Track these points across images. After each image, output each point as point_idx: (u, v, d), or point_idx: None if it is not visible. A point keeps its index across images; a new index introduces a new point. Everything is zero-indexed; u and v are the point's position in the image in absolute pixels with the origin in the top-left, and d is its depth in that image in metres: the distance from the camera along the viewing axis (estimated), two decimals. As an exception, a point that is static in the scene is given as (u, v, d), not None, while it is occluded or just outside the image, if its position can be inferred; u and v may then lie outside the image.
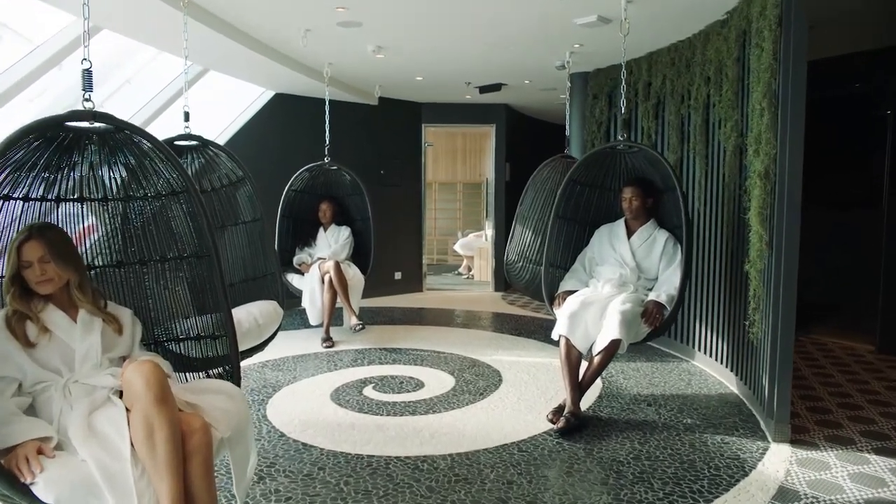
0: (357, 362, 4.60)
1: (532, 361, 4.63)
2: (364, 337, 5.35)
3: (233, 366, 2.29)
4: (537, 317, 6.36)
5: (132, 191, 2.31)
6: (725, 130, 3.88)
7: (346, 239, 5.53)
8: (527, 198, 5.05)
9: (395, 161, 7.55)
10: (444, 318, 6.34)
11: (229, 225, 3.71)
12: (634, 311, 3.45)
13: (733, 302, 3.89)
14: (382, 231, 7.36)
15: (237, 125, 6.32)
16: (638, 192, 3.80)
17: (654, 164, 3.82)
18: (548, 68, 5.69)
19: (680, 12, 3.97)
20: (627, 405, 3.69)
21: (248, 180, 3.56)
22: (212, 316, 2.36)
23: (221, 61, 5.09)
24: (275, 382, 4.09)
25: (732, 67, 3.79)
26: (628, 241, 3.84)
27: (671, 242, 3.76)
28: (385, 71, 5.91)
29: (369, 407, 3.63)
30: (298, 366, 4.49)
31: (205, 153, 3.44)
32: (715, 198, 4.20)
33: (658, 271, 3.76)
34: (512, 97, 7.40)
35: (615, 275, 3.74)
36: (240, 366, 2.31)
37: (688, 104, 4.55)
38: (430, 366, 4.50)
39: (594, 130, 5.75)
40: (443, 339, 5.31)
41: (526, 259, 5.00)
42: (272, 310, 3.34)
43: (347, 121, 7.03)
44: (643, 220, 3.86)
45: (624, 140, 3.75)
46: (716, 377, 4.19)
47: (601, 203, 4.14)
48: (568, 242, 4.10)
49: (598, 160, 3.98)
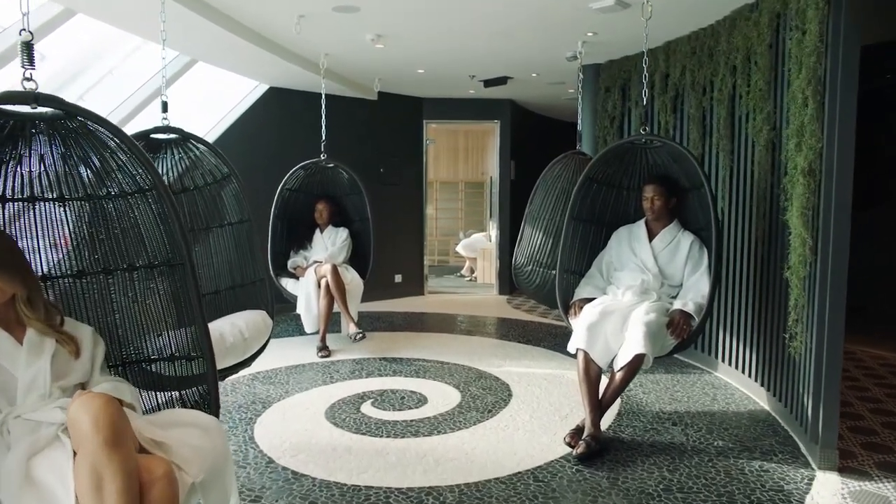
0: (355, 374, 4.28)
1: (543, 373, 4.31)
2: (362, 346, 5.03)
3: (210, 392, 1.97)
4: (545, 322, 6.04)
5: (92, 189, 1.99)
6: (756, 123, 3.56)
7: (344, 241, 5.21)
8: (536, 197, 4.72)
9: (395, 159, 7.23)
10: (447, 323, 6.02)
11: (214, 227, 3.38)
12: (660, 322, 3.13)
13: (765, 311, 3.57)
14: (382, 232, 7.04)
15: (229, 120, 6.00)
16: (660, 190, 3.48)
17: (679, 159, 3.50)
18: (557, 60, 5.37)
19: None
20: (650, 424, 3.37)
21: (233, 177, 3.23)
22: (188, 333, 2.05)
23: (209, 51, 4.77)
24: (265, 397, 3.77)
25: (765, 55, 3.47)
26: (650, 245, 3.53)
27: (697, 245, 3.45)
28: (385, 63, 5.58)
29: (368, 427, 3.31)
30: (292, 378, 4.17)
31: (185, 148, 3.12)
32: (742, 197, 3.88)
33: (683, 277, 3.45)
34: (518, 92, 7.08)
35: (636, 281, 3.43)
36: (218, 392, 1.99)
37: (710, 96, 4.23)
38: (433, 378, 4.18)
39: (606, 126, 5.43)
40: (446, 348, 4.99)
41: (536, 263, 4.68)
42: (260, 321, 3.02)
43: (346, 116, 6.71)
44: (666, 221, 3.54)
45: (646, 134, 3.43)
46: (742, 391, 3.87)
47: (619, 203, 3.82)
48: (583, 246, 3.78)
49: (616, 156, 3.66)
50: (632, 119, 5.21)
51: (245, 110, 6.08)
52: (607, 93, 5.44)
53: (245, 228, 3.32)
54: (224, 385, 3.94)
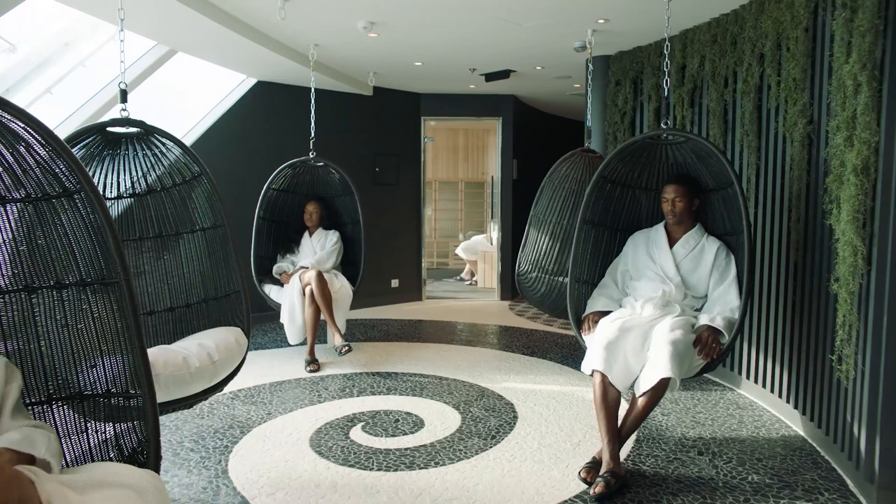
0: (345, 392, 3.91)
1: (550, 391, 3.95)
2: (354, 359, 4.66)
3: (149, 441, 1.60)
4: (550, 331, 5.68)
5: (6, 190, 1.62)
6: (791, 116, 3.19)
7: (334, 245, 4.84)
8: (542, 198, 4.36)
9: (391, 157, 6.86)
10: (445, 332, 5.65)
11: (185, 233, 3.02)
12: (686, 341, 2.77)
13: (800, 325, 3.20)
14: (378, 235, 6.69)
15: (214, 116, 5.64)
16: (682, 190, 3.12)
17: (704, 157, 3.14)
18: (564, 51, 5.00)
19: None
20: (674, 453, 3.00)
21: (205, 177, 2.87)
22: (126, 365, 1.68)
23: (187, 40, 4.40)
24: (244, 420, 3.40)
25: (800, 39, 3.11)
26: (670, 251, 3.17)
27: (723, 252, 3.08)
28: (379, 54, 5.22)
29: (357, 457, 2.94)
30: (276, 396, 3.80)
31: (149, 143, 2.75)
32: (772, 199, 3.51)
33: (708, 288, 3.08)
34: (521, 87, 6.72)
35: (656, 292, 3.06)
36: (159, 439, 1.62)
37: (733, 88, 3.86)
38: (430, 396, 3.81)
39: (617, 121, 5.07)
40: (445, 361, 4.62)
41: (541, 269, 4.32)
42: (233, 342, 2.65)
43: (339, 113, 6.35)
44: (688, 224, 3.18)
45: (667, 128, 3.06)
46: (771, 413, 3.51)
47: (635, 205, 3.46)
48: (595, 252, 3.41)
49: (634, 153, 3.29)
50: (644, 114, 4.85)
51: (231, 105, 5.71)
52: (618, 86, 5.08)
53: (219, 234, 2.96)
54: (201, 406, 3.58)
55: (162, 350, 2.43)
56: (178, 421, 3.36)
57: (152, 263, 3.03)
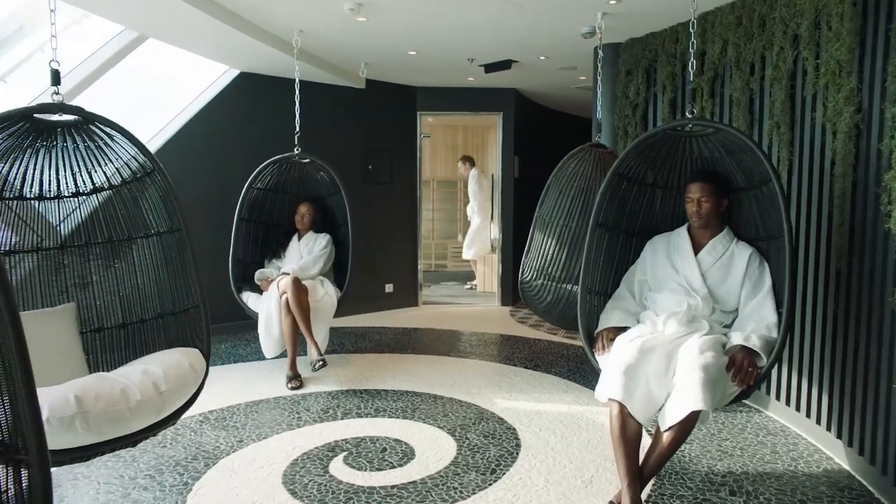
0: (328, 413, 3.51)
1: (556, 412, 3.55)
2: (341, 374, 4.27)
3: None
4: (555, 341, 5.28)
5: None
6: (834, 103, 2.80)
7: (323, 250, 4.44)
8: (548, 198, 3.96)
9: (385, 154, 6.46)
10: (442, 342, 5.26)
11: (139, 238, 2.63)
12: (719, 365, 2.37)
13: (847, 343, 2.80)
14: (371, 236, 6.30)
15: (192, 110, 5.23)
16: (709, 189, 2.73)
17: (735, 151, 2.74)
18: (570, 38, 4.60)
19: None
20: (701, 492, 2.60)
21: (158, 173, 2.48)
22: (6, 413, 1.28)
23: (160, 25, 4.00)
24: (212, 449, 3.00)
25: (848, 15, 2.71)
26: (695, 259, 2.77)
27: (756, 260, 2.69)
28: (370, 42, 4.82)
29: (336, 496, 2.54)
30: (250, 419, 3.41)
31: (89, 134, 2.36)
32: (807, 199, 3.11)
33: (739, 301, 2.69)
34: (523, 80, 6.31)
35: (680, 306, 2.67)
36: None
37: (761, 76, 3.47)
38: (423, 419, 3.42)
39: (628, 114, 4.67)
40: (440, 375, 4.23)
41: (547, 276, 3.92)
42: (187, 367, 2.26)
43: (330, 107, 5.95)
44: (715, 228, 2.79)
45: (694, 118, 2.66)
46: (807, 440, 3.11)
47: (654, 206, 3.06)
48: (609, 259, 3.02)
49: (653, 147, 2.89)
50: (658, 107, 4.45)
51: (212, 99, 5.31)
52: (629, 76, 4.68)
53: (176, 240, 2.56)
54: (165, 433, 3.18)
55: (96, 379, 2.04)
56: (136, 450, 2.96)
57: (101, 272, 2.65)
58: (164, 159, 5.05)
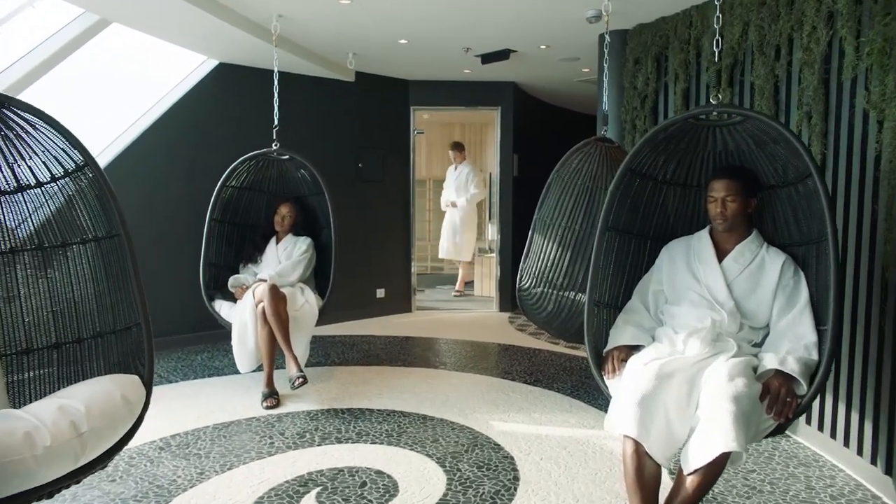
0: (304, 438, 3.14)
1: (559, 436, 3.18)
2: (323, 390, 3.90)
3: None
4: (556, 351, 4.91)
5: None
6: (883, 88, 2.43)
7: (303, 255, 4.07)
8: (549, 198, 3.59)
9: (377, 152, 6.09)
10: (435, 353, 4.89)
11: (73, 243, 2.26)
12: (752, 395, 2.00)
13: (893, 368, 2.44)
14: (362, 238, 5.93)
15: (167, 103, 4.86)
16: (736, 187, 2.37)
17: (767, 143, 2.37)
18: (573, 24, 4.23)
19: None
20: (729, 540, 2.24)
21: (91, 169, 2.11)
22: None
23: (123, 7, 3.64)
24: (167, 484, 2.63)
25: (897, -16, 2.34)
26: (720, 266, 2.40)
27: (791, 268, 2.32)
28: (357, 29, 4.45)
29: (301, 547, 2.18)
30: (216, 445, 3.04)
31: (7, 121, 1.99)
32: (844, 198, 2.75)
33: (771, 316, 2.32)
34: (522, 72, 5.94)
35: (702, 322, 2.30)
36: None
37: (788, 60, 3.10)
38: (410, 445, 3.05)
39: (636, 107, 4.30)
40: (432, 392, 3.86)
41: (548, 283, 3.55)
42: (118, 399, 1.88)
43: (317, 101, 5.59)
44: (742, 231, 2.43)
45: (719, 104, 2.29)
46: (847, 473, 2.74)
47: (670, 206, 2.70)
48: (620, 266, 2.65)
49: (671, 139, 2.52)
50: (669, 98, 4.09)
51: (189, 90, 4.94)
52: (637, 65, 4.32)
53: (115, 246, 2.19)
54: (116, 464, 2.81)
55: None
56: (80, 487, 2.59)
57: (31, 283, 2.27)
58: (135, 156, 4.73)
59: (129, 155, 4.62)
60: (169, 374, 4.21)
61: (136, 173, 4.66)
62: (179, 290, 4.79)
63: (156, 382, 4.01)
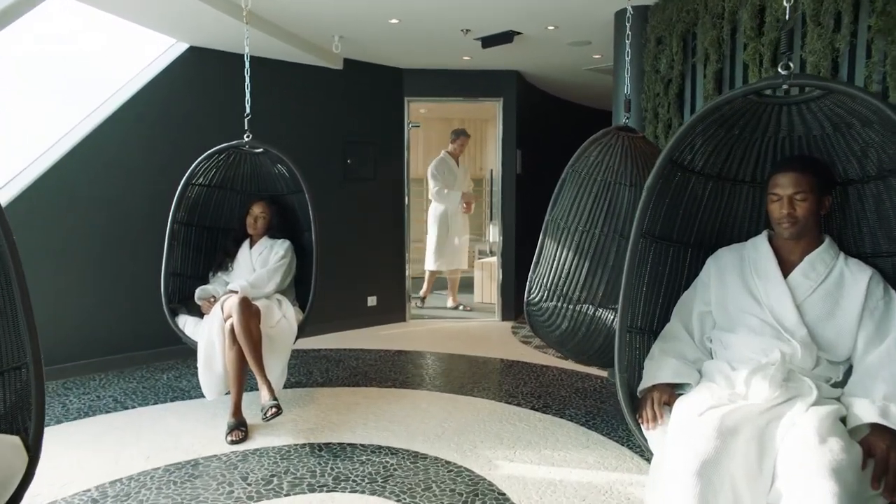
0: (270, 486, 2.61)
1: (576, 482, 2.65)
2: (298, 419, 3.37)
3: None
4: (567, 368, 4.38)
5: None
6: None
7: (280, 260, 3.55)
8: (564, 197, 3.06)
9: (367, 147, 5.57)
10: (430, 371, 4.36)
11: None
12: (853, 463, 1.48)
13: None
14: (350, 241, 5.40)
15: (130, 91, 4.33)
16: (808, 182, 1.86)
17: (852, 125, 1.85)
18: (586, 0, 3.71)
19: None
20: None
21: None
22: None
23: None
24: (91, 553, 2.11)
25: None
26: (785, 282, 1.89)
27: (879, 286, 1.82)
28: (341, 6, 3.93)
29: None
30: (162, 495, 2.51)
31: None
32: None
33: (856, 349, 1.80)
34: (526, 60, 5.41)
35: (768, 355, 1.80)
36: None
37: (852, 29, 2.58)
38: (395, 495, 2.52)
39: (658, 93, 3.78)
40: (425, 422, 3.33)
41: (562, 296, 3.03)
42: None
43: (301, 90, 5.08)
44: (813, 239, 1.92)
45: (791, 74, 1.76)
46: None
47: (718, 206, 2.18)
48: (655, 282, 2.13)
49: (724, 121, 1.99)
50: (697, 82, 3.57)
51: (154, 77, 4.41)
52: (659, 46, 3.80)
53: (2, 261, 1.67)
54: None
55: None
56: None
57: None
58: (90, 151, 4.16)
59: (84, 148, 4.09)
60: (126, 399, 3.68)
61: (91, 170, 4.14)
62: (143, 301, 4.27)
63: (108, 409, 3.52)
